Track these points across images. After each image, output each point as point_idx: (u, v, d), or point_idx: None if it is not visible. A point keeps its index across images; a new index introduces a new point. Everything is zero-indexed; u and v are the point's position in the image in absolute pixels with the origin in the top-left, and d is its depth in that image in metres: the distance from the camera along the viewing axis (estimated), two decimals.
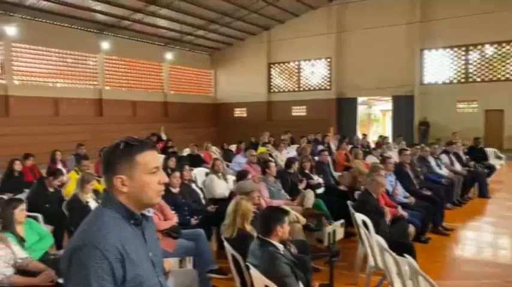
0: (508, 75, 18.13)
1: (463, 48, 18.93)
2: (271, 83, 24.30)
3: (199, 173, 7.05)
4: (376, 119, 30.02)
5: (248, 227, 3.24)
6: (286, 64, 23.72)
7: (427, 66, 19.82)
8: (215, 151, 10.62)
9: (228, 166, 8.09)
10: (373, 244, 3.73)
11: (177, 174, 4.78)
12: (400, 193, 5.72)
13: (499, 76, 18.37)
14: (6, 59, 15.45)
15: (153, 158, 1.46)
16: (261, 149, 8.36)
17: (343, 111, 22.08)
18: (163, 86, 22.55)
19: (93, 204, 4.59)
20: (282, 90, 24.12)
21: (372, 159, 8.21)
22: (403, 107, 20.27)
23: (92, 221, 1.42)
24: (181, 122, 21.26)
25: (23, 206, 3.53)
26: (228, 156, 9.82)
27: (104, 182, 1.45)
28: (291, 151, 9.91)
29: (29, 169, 7.02)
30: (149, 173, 1.44)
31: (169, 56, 21.89)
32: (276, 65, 23.95)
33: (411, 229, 4.79)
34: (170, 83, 22.91)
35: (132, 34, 19.66)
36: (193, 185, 5.34)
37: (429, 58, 19.76)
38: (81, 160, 7.10)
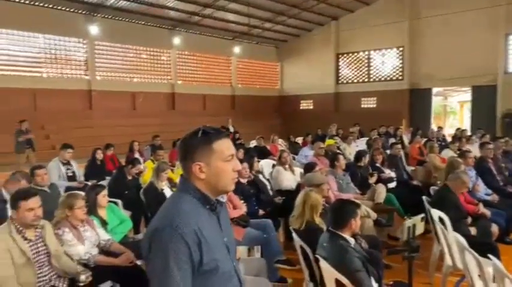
0: None
1: None
2: (339, 74, 23.72)
3: (265, 165, 7.12)
4: (452, 111, 28.13)
5: (317, 220, 3.21)
6: (355, 54, 22.99)
7: None
8: (281, 144, 10.64)
9: (294, 158, 8.06)
10: (451, 241, 3.52)
11: (246, 165, 4.86)
12: (481, 189, 5.31)
13: None
14: (90, 56, 16.69)
15: (228, 146, 1.50)
16: (329, 141, 8.21)
17: (416, 103, 20.92)
18: (231, 79, 22.99)
19: (167, 191, 4.83)
20: (350, 81, 23.46)
21: (448, 153, 7.70)
22: (483, 97, 18.71)
23: (171, 206, 1.48)
24: (248, 114, 21.53)
25: (105, 192, 3.81)
26: (294, 148, 9.79)
27: (182, 169, 1.51)
28: (360, 144, 9.62)
29: (110, 158, 7.55)
30: (225, 160, 1.48)
31: (237, 49, 22.22)
32: (345, 55, 23.31)
33: (494, 228, 4.43)
34: (238, 76, 23.29)
35: (202, 29, 20.23)
36: (261, 177, 5.40)
37: None
38: (156, 150, 7.52)
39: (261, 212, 4.74)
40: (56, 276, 2.90)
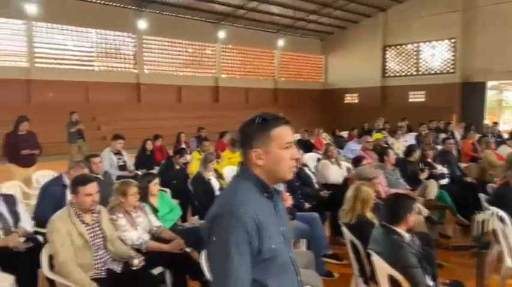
0: None
1: None
2: (386, 67, 23.00)
3: (310, 159, 7.03)
4: (508, 105, 26.51)
5: (368, 214, 3.12)
6: (403, 46, 22.19)
7: None
8: (325, 137, 10.48)
9: (339, 152, 7.91)
10: None
11: None
12: None
13: None
14: (138, 50, 17.21)
15: (286, 134, 1.47)
16: (377, 135, 7.98)
17: (469, 97, 19.90)
18: (274, 72, 22.91)
19: (214, 181, 4.90)
20: (398, 74, 22.69)
21: (505, 150, 7.26)
22: None
23: (230, 192, 1.48)
24: (291, 108, 21.32)
25: (157, 180, 3.92)
26: (339, 142, 9.60)
27: (241, 156, 1.50)
28: (409, 139, 9.29)
29: (158, 148, 7.75)
30: (283, 147, 1.45)
31: (280, 42, 22.10)
32: (392, 47, 22.55)
33: None
34: (281, 69, 23.18)
35: (247, 23, 20.28)
36: (306, 170, 5.35)
37: None
38: (202, 141, 7.64)
39: (306, 205, 4.69)
40: (111, 259, 3.02)
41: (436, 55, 21.11)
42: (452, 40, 20.09)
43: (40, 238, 3.68)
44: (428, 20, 19.72)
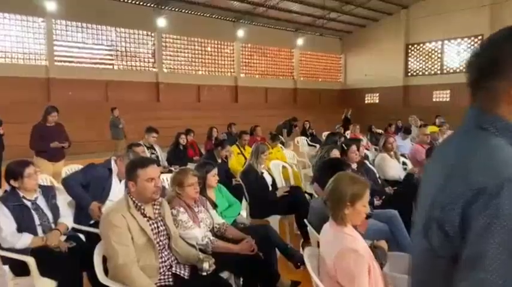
0: None
1: None
2: (409, 66, 22.33)
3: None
4: None
5: None
6: (426, 44, 21.52)
7: None
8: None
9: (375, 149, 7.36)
10: None
11: (355, 148, 4.27)
12: None
13: None
14: (158, 49, 16.83)
15: None
16: (433, 128, 7.40)
17: None
18: (293, 72, 22.41)
19: (267, 175, 4.37)
20: (421, 73, 22.01)
21: None
22: None
23: (477, 153, 0.89)
24: (309, 108, 20.84)
25: (215, 171, 3.39)
26: (376, 139, 9.02)
27: (483, 92, 0.94)
28: None
29: (190, 144, 7.26)
30: None
31: (300, 41, 21.62)
32: (415, 45, 21.90)
33: None
34: (300, 69, 22.68)
35: (266, 21, 19.83)
36: (368, 163, 4.79)
37: None
38: (231, 137, 7.16)
39: (375, 201, 4.13)
40: (176, 262, 2.49)
41: (462, 53, 20.38)
42: (479, 37, 19.35)
43: (81, 236, 3.19)
44: (454, 17, 19.07)
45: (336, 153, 3.81)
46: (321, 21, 21.04)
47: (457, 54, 20.66)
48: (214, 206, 3.26)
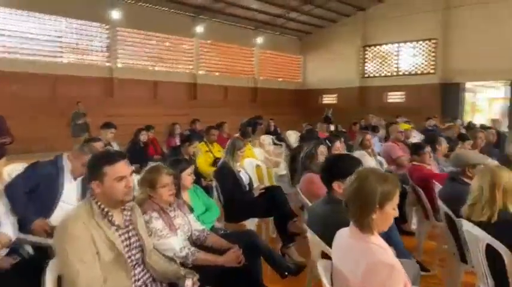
0: None
1: None
2: (365, 68, 22.74)
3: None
4: (478, 108, 26.97)
5: None
6: (383, 47, 21.98)
7: None
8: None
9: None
10: None
11: (339, 144, 3.97)
12: None
13: None
14: (112, 42, 15.89)
15: None
16: (404, 125, 7.30)
17: (448, 98, 19.89)
18: (254, 71, 22.14)
19: (243, 173, 3.98)
20: (377, 75, 22.46)
21: None
22: None
23: None
24: (269, 107, 20.66)
25: (191, 169, 2.94)
26: (344, 138, 8.89)
27: None
28: (417, 135, 8.71)
29: (151, 141, 6.71)
30: None
31: (260, 40, 21.38)
32: (372, 47, 22.32)
33: None
34: (260, 68, 22.44)
35: (225, 18, 19.39)
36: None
37: None
38: (195, 134, 6.70)
39: None
40: (151, 279, 2.03)
41: (417, 55, 21.00)
42: (433, 41, 20.03)
43: (29, 249, 2.64)
44: (409, 20, 19.58)
45: (323, 149, 3.50)
46: (281, 21, 20.92)
47: (412, 56, 21.24)
48: (191, 210, 2.81)
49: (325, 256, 2.04)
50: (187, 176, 2.90)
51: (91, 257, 1.76)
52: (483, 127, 6.93)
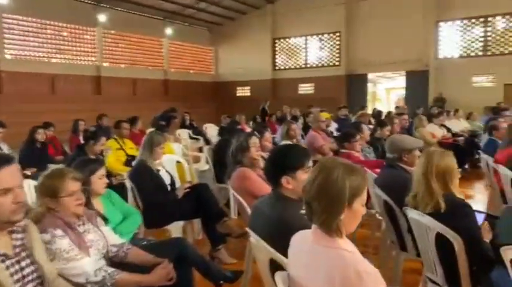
0: None
1: (482, 20, 18.06)
2: (276, 60, 23.11)
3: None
4: (378, 98, 29.14)
5: (456, 190, 2.17)
6: (292, 39, 22.52)
7: (442, 39, 18.91)
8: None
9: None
10: None
11: (269, 135, 3.72)
12: None
13: None
14: None
15: None
16: (326, 114, 7.32)
17: (353, 89, 21.09)
18: (163, 63, 21.20)
19: (164, 173, 3.53)
20: (288, 67, 22.97)
21: None
22: (417, 83, 19.36)
23: None
24: (182, 101, 20.01)
25: (103, 171, 2.44)
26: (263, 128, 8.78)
27: None
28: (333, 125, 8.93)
29: (50, 140, 5.86)
30: None
31: (169, 31, 20.52)
32: (281, 40, 22.73)
33: None
34: (170, 60, 21.57)
35: (130, 6, 18.20)
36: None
37: (445, 31, 18.85)
38: (102, 131, 6.00)
39: None
40: None
41: (323, 48, 21.86)
42: (337, 33, 20.98)
43: None
44: (315, 14, 20.23)
45: (256, 141, 3.20)
46: (191, 11, 20.28)
47: (319, 49, 22.06)
48: (104, 220, 2.33)
49: (273, 263, 1.74)
50: (99, 180, 2.40)
51: None
52: (398, 114, 7.30)
